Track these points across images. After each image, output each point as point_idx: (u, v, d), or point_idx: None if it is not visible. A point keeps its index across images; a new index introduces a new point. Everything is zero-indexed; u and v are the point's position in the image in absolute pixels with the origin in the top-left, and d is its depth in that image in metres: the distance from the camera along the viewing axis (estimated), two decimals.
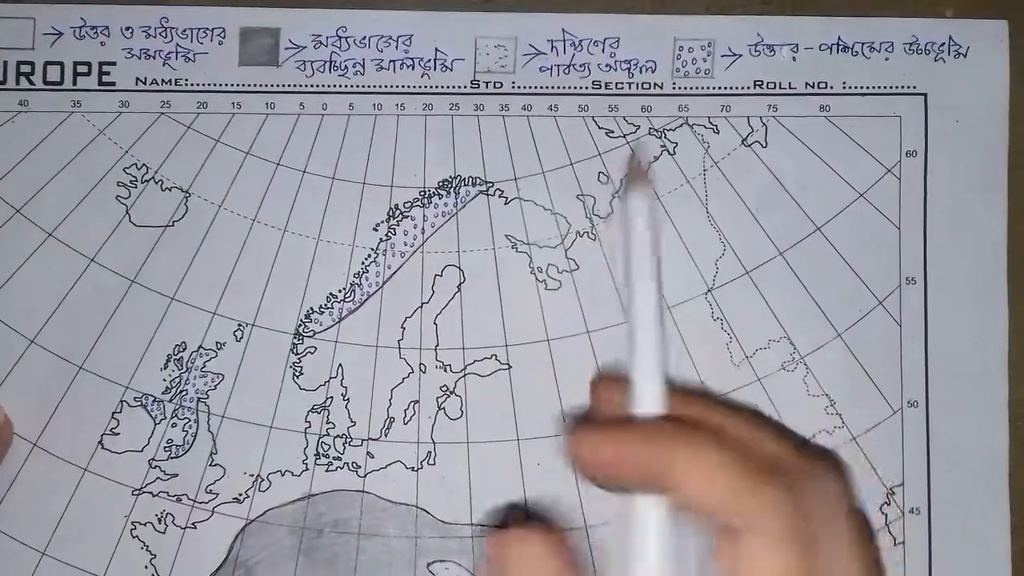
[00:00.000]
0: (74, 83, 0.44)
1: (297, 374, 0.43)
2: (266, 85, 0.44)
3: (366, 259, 0.44)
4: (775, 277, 0.43)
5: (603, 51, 0.44)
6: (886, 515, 0.43)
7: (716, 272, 0.43)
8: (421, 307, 0.44)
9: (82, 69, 0.44)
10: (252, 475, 0.43)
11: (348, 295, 0.44)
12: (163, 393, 0.43)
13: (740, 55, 0.44)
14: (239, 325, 0.44)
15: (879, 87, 0.44)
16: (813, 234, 0.44)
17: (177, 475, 0.43)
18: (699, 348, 0.43)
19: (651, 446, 0.25)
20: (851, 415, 0.43)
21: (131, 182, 0.44)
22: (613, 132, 0.44)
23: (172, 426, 0.43)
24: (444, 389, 0.43)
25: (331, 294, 0.44)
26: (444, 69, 0.44)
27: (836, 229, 0.44)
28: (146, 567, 0.43)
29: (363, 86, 0.44)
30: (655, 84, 0.44)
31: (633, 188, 0.28)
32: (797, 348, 0.43)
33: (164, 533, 0.43)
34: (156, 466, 0.43)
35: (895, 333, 0.43)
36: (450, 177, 0.44)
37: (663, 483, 0.25)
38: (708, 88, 0.44)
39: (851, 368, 0.43)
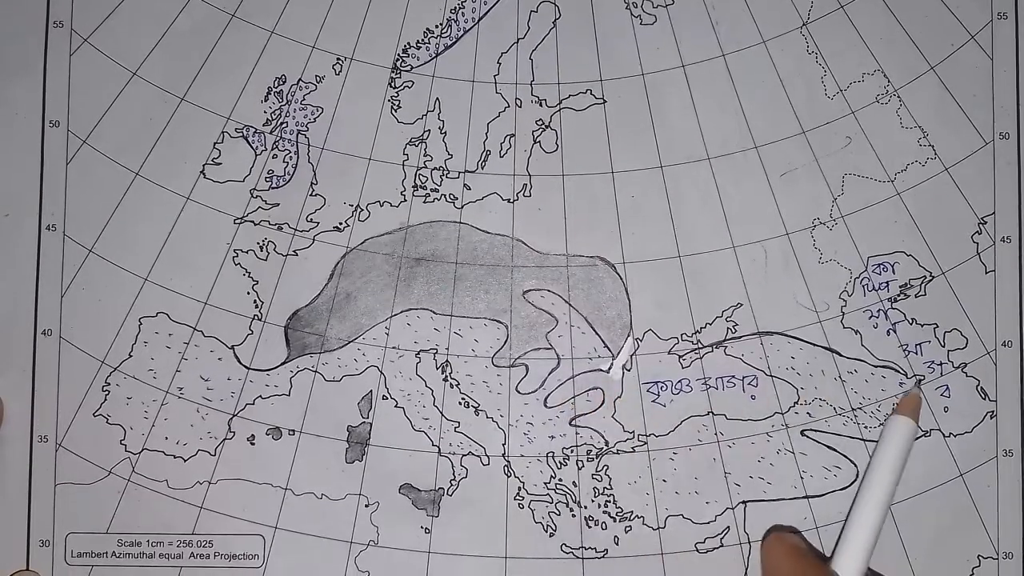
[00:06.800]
0: None
1: (395, 107, 0.44)
2: None
3: None
4: (869, 11, 0.44)
5: None
6: (977, 244, 0.43)
7: (811, 6, 0.44)
8: (517, 42, 0.44)
9: None
10: (351, 205, 0.44)
11: (445, 30, 0.44)
12: (264, 125, 0.44)
13: None
14: (338, 59, 0.44)
15: None
16: None
17: (278, 204, 0.44)
18: (793, 81, 0.44)
19: None
20: (943, 146, 0.43)
21: None
22: None
23: (273, 157, 0.44)
24: (539, 123, 0.44)
25: (428, 29, 0.44)
26: None
27: None
28: (248, 293, 0.44)
29: None
30: None
31: (902, 412, 0.37)
32: (891, 81, 0.43)
33: (266, 260, 0.44)
34: (257, 195, 0.44)
35: (987, 67, 0.44)
36: None
37: None
38: None
39: (944, 100, 0.43)
